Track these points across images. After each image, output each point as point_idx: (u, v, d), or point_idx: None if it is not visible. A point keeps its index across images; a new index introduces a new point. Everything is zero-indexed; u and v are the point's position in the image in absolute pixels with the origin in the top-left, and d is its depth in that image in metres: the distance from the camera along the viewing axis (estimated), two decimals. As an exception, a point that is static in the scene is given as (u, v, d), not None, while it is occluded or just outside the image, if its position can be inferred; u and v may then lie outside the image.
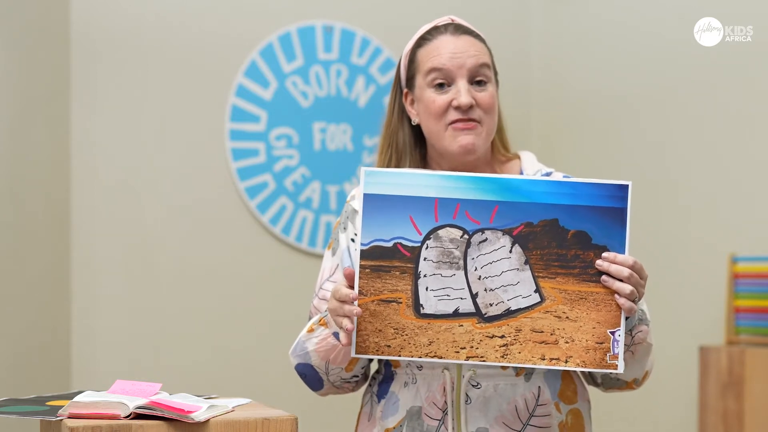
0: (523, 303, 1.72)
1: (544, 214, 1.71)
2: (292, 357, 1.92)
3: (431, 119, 1.89)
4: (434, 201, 1.72)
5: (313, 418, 2.60)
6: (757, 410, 3.11)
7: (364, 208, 1.72)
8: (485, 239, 1.72)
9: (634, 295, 1.71)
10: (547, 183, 1.72)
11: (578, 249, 1.71)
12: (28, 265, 3.27)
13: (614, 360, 1.71)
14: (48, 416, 1.58)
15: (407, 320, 1.72)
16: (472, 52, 1.89)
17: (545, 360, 1.71)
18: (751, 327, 3.25)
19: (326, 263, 1.98)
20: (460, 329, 1.72)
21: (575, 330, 1.71)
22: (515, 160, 2.00)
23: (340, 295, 1.73)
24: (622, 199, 1.72)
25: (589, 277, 1.71)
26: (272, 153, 3.79)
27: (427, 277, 1.72)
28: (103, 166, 3.54)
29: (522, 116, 4.13)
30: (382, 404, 1.93)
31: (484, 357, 1.71)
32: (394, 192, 1.72)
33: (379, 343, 1.72)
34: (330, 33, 3.88)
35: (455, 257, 1.72)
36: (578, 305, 1.71)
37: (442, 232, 1.72)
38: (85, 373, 3.47)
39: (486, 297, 1.72)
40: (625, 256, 1.71)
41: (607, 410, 3.44)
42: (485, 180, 1.72)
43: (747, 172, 3.43)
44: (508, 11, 4.18)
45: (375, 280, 1.72)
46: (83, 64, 3.51)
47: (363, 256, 1.72)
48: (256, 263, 3.75)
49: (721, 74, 3.49)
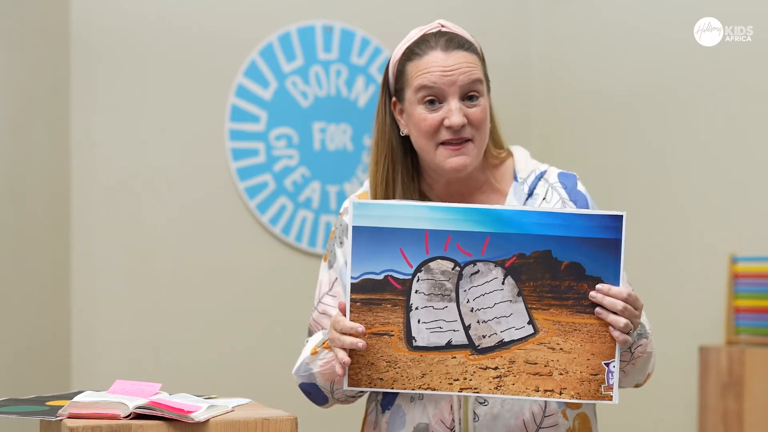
0: (516, 335, 1.70)
1: (536, 246, 1.69)
2: (296, 376, 1.91)
3: (422, 137, 1.86)
4: (425, 233, 1.69)
5: (313, 418, 2.60)
6: (756, 410, 3.11)
7: (353, 241, 1.70)
8: (477, 271, 1.69)
9: (628, 327, 1.68)
10: (539, 214, 1.69)
11: (572, 280, 1.69)
12: (29, 265, 3.27)
13: (609, 391, 1.70)
14: (48, 416, 1.58)
15: (399, 353, 1.70)
16: (464, 68, 1.84)
17: (539, 392, 1.70)
18: (751, 327, 3.25)
19: (323, 276, 1.96)
20: (453, 361, 1.70)
21: (569, 362, 1.69)
22: (508, 160, 1.97)
23: (341, 327, 1.71)
24: (617, 229, 1.68)
25: (582, 309, 1.69)
26: (272, 153, 3.79)
27: (419, 309, 1.70)
28: (103, 166, 3.54)
29: (522, 116, 4.13)
30: (387, 415, 1.92)
31: (477, 388, 1.70)
32: (383, 224, 1.70)
33: (371, 375, 1.71)
34: (330, 33, 3.88)
35: (447, 289, 1.70)
36: (572, 337, 1.69)
37: (433, 265, 1.70)
38: (84, 373, 3.47)
39: (479, 329, 1.70)
40: (619, 289, 1.68)
41: (607, 410, 3.44)
42: (476, 211, 1.69)
43: (747, 172, 3.42)
44: (507, 11, 4.18)
45: (366, 313, 1.70)
46: (83, 64, 3.51)
47: (353, 289, 1.70)
48: (255, 263, 3.75)
49: (721, 74, 3.49)
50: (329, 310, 1.92)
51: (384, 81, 1.96)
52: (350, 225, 1.71)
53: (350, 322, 1.70)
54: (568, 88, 4.08)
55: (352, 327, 1.69)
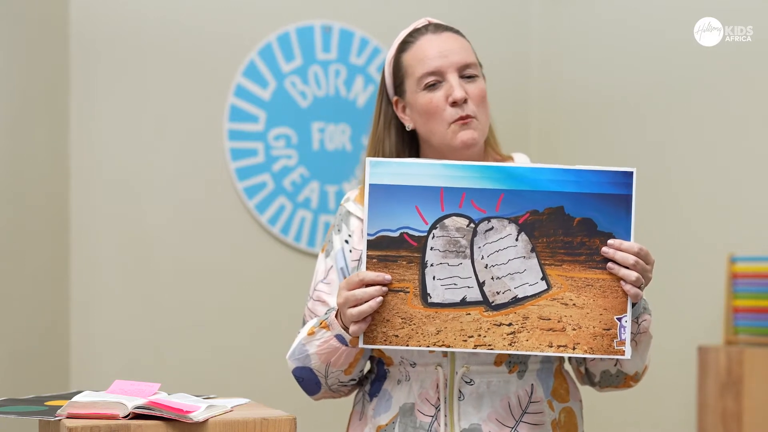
0: (530, 291, 1.72)
1: (549, 202, 1.72)
2: (291, 360, 1.91)
3: (430, 120, 1.90)
4: (440, 190, 1.72)
5: (312, 418, 2.60)
6: (755, 410, 3.11)
7: (369, 198, 1.72)
8: (491, 228, 1.72)
9: (640, 281, 1.72)
10: (552, 171, 1.72)
11: (584, 236, 1.72)
12: (28, 264, 3.27)
13: (621, 346, 1.72)
14: (47, 416, 1.58)
15: (415, 310, 1.72)
16: (456, 49, 1.91)
17: (553, 347, 1.72)
18: (750, 327, 3.25)
19: (320, 265, 1.98)
20: (468, 318, 1.72)
21: (582, 317, 1.72)
22: (509, 161, 2.00)
23: (364, 277, 1.71)
24: (627, 185, 1.73)
25: (595, 264, 1.72)
26: (271, 153, 3.79)
27: (434, 266, 1.72)
28: (103, 165, 3.54)
29: (521, 116, 4.13)
30: (374, 402, 1.93)
31: (491, 345, 1.72)
32: (399, 182, 1.73)
33: (387, 333, 1.73)
34: (329, 33, 3.88)
35: (462, 246, 1.72)
36: (585, 292, 1.72)
37: (448, 222, 1.72)
38: (83, 373, 3.47)
39: (493, 285, 1.72)
40: (630, 243, 1.72)
41: (607, 410, 3.45)
42: (490, 169, 1.72)
43: (746, 172, 3.43)
44: (507, 11, 4.18)
45: (382, 269, 1.72)
46: (83, 64, 3.51)
47: (370, 246, 1.72)
48: (254, 263, 3.75)
49: (721, 74, 3.49)
50: (323, 297, 1.93)
51: (381, 84, 1.99)
52: (366, 182, 1.73)
53: (374, 273, 1.72)
54: (567, 87, 4.08)
55: (378, 276, 1.71)
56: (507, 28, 4.16)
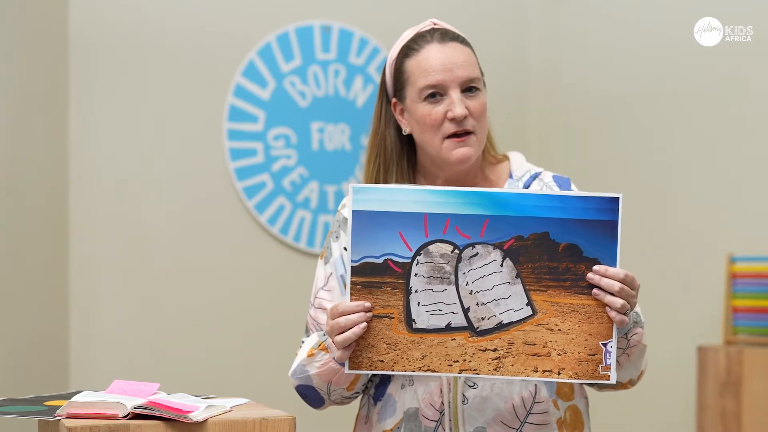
0: (515, 316, 1.71)
1: (534, 228, 1.70)
2: (293, 378, 1.92)
3: (426, 132, 1.90)
4: (424, 216, 1.71)
5: (311, 418, 2.59)
6: (755, 410, 3.11)
7: (353, 225, 1.71)
8: (476, 254, 1.71)
9: (625, 308, 1.71)
10: (537, 197, 1.71)
11: (569, 262, 1.71)
12: (27, 264, 3.27)
13: (606, 371, 1.71)
14: (46, 416, 1.58)
15: (400, 335, 1.72)
16: (460, 62, 1.89)
17: (538, 372, 1.71)
18: (749, 327, 3.25)
19: (320, 272, 1.98)
20: (453, 343, 1.71)
21: (567, 342, 1.71)
22: (504, 161, 2.01)
23: (345, 307, 1.71)
24: (613, 211, 1.71)
25: (580, 290, 1.71)
26: (270, 153, 3.79)
27: (419, 292, 1.71)
28: (102, 165, 3.54)
29: (520, 116, 4.13)
30: (378, 406, 1.93)
31: (477, 370, 1.71)
32: (383, 208, 1.71)
33: (372, 358, 1.73)
34: (328, 33, 3.87)
35: (446, 272, 1.71)
36: (570, 318, 1.71)
37: (432, 248, 1.71)
38: (83, 373, 3.47)
39: (478, 311, 1.71)
40: (616, 270, 1.70)
41: (606, 410, 3.44)
42: (475, 194, 1.71)
43: (745, 172, 3.43)
44: (506, 11, 4.18)
45: (366, 296, 1.72)
46: (82, 64, 3.51)
47: (354, 272, 1.72)
48: (254, 263, 3.75)
49: (721, 74, 3.49)
50: (325, 304, 1.93)
51: (381, 83, 1.98)
52: (349, 209, 1.72)
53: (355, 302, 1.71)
54: (566, 87, 4.08)
55: (357, 305, 1.71)
56: (506, 28, 4.16)
